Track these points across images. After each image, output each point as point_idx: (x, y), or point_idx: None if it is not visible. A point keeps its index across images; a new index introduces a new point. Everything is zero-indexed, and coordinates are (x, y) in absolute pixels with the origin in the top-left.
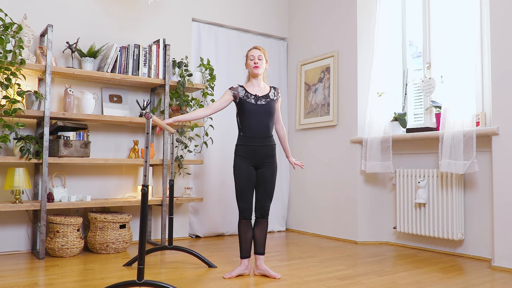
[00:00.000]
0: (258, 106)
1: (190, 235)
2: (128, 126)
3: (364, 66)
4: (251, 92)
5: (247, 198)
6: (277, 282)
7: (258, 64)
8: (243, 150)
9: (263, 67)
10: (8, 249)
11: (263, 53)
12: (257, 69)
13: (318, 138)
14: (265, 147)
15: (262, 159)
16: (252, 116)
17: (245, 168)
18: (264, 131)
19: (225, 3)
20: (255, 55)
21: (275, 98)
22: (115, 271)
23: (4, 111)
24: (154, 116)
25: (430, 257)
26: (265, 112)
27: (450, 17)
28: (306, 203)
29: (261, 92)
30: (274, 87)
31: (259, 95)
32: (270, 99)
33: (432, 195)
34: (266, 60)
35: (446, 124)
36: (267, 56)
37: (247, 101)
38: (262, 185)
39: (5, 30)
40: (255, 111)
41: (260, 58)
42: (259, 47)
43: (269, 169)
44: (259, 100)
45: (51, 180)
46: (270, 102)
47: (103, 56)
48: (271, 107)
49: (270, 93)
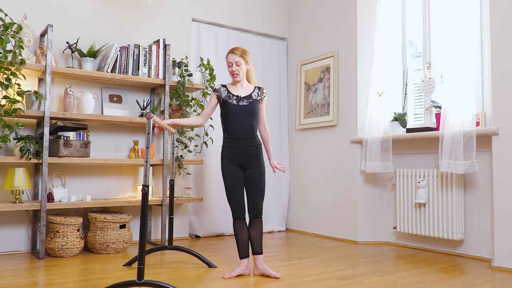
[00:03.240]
0: (240, 107)
1: (190, 235)
2: (128, 126)
3: (364, 66)
4: (234, 92)
5: (238, 198)
6: (277, 282)
7: (236, 71)
8: (228, 152)
9: (243, 71)
10: (8, 249)
11: (242, 56)
12: (236, 77)
13: (318, 138)
14: (250, 147)
15: (248, 160)
16: (235, 117)
17: (231, 169)
18: (248, 132)
19: (225, 3)
20: (233, 61)
21: (259, 98)
22: (115, 271)
23: (4, 111)
24: (154, 116)
25: (430, 257)
26: (247, 113)
27: (450, 17)
28: (306, 203)
29: (244, 92)
30: (259, 87)
31: (241, 96)
32: (253, 99)
33: (432, 195)
34: (246, 61)
35: (446, 124)
36: (247, 55)
37: (229, 102)
38: (252, 185)
39: (5, 30)
40: (237, 112)
41: (238, 64)
42: (236, 51)
43: (257, 169)
44: (241, 101)
45: (51, 180)
46: (252, 102)
47: (103, 56)
48: (253, 108)
49: (253, 93)
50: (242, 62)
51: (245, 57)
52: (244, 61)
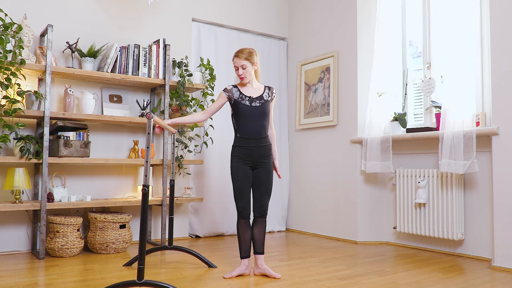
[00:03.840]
0: (253, 108)
1: (190, 235)
2: (128, 126)
3: (364, 66)
4: (246, 93)
5: (245, 198)
6: (277, 282)
7: (243, 74)
8: (239, 151)
9: (250, 73)
10: (8, 249)
11: (247, 59)
12: (243, 79)
13: (318, 138)
14: (261, 147)
15: (258, 160)
16: (248, 118)
17: (242, 169)
18: (260, 132)
19: (225, 3)
20: (238, 65)
21: (269, 98)
22: (115, 271)
23: (4, 111)
24: (155, 116)
25: (430, 257)
26: (260, 114)
27: (450, 17)
28: (306, 203)
29: (255, 93)
30: (269, 86)
31: (253, 97)
32: (265, 100)
33: (432, 195)
34: (252, 62)
35: (446, 124)
36: (254, 57)
37: (242, 103)
38: (260, 185)
39: (5, 30)
40: (250, 113)
41: (244, 68)
42: (240, 54)
43: (265, 169)
44: (254, 102)
45: (51, 180)
46: (264, 103)
47: (103, 56)
48: (265, 108)
49: (264, 94)
50: (248, 65)
51: (250, 59)
52: (250, 63)
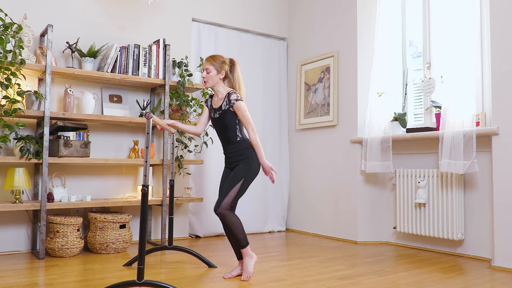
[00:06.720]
0: (214, 119)
1: (190, 235)
2: (128, 126)
3: (364, 66)
4: (212, 104)
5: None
6: (277, 282)
7: (205, 78)
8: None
9: (213, 79)
10: (8, 249)
11: (213, 64)
12: (205, 83)
13: (318, 138)
14: (231, 154)
15: (231, 165)
16: (215, 129)
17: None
18: (225, 141)
19: (225, 3)
20: (204, 67)
21: (227, 107)
22: (115, 271)
23: (4, 111)
24: (154, 116)
25: (430, 257)
26: (219, 125)
27: (450, 17)
28: (306, 203)
29: (217, 104)
30: (229, 93)
31: (215, 108)
32: (222, 110)
33: (432, 195)
34: (218, 70)
35: (446, 124)
36: (223, 66)
37: (211, 114)
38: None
39: (5, 30)
40: (215, 124)
41: (208, 72)
42: (210, 58)
43: (234, 171)
44: (215, 113)
45: (51, 180)
46: (222, 114)
47: (103, 56)
48: (223, 120)
49: (223, 104)
50: (212, 70)
51: (217, 66)
52: (216, 70)
